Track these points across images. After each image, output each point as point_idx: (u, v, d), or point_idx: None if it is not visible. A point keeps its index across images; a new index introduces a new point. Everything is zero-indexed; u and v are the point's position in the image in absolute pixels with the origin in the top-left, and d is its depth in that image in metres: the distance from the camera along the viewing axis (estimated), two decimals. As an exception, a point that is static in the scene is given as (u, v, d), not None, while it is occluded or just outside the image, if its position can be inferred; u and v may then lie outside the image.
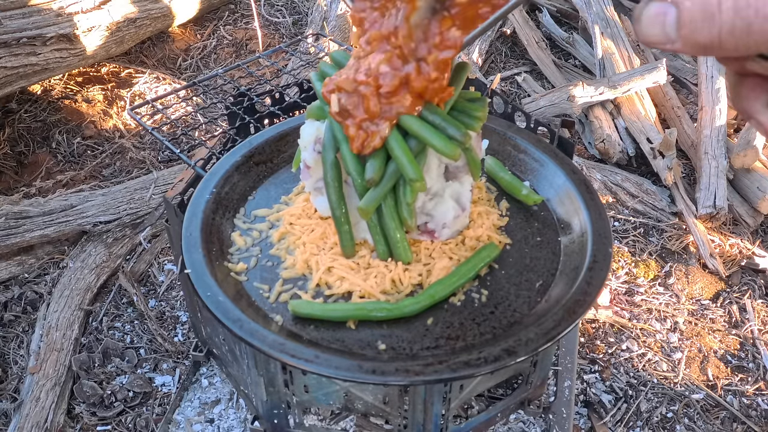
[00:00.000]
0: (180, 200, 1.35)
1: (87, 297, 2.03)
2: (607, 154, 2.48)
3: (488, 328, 1.04)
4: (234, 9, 3.61)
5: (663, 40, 0.46)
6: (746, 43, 0.42)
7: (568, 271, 1.13)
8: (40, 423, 1.69)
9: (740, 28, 0.41)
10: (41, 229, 2.14)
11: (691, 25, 0.44)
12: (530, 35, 3.16)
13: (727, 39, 0.42)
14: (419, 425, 1.22)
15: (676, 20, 0.44)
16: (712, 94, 2.54)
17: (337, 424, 1.41)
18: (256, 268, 1.15)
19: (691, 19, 0.43)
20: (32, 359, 1.85)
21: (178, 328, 1.97)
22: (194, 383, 1.68)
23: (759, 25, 0.41)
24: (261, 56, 1.85)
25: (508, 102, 1.52)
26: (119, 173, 2.58)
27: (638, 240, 2.23)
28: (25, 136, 2.72)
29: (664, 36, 0.45)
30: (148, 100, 1.62)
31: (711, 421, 1.75)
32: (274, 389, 1.25)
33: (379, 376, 0.93)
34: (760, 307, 2.04)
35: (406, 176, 1.00)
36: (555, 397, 1.55)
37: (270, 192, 1.31)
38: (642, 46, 3.02)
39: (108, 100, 2.95)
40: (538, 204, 1.28)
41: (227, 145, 1.53)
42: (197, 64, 3.22)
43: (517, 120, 1.50)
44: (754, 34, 0.41)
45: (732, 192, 2.34)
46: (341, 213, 1.08)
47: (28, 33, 2.56)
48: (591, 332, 1.95)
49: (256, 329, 0.99)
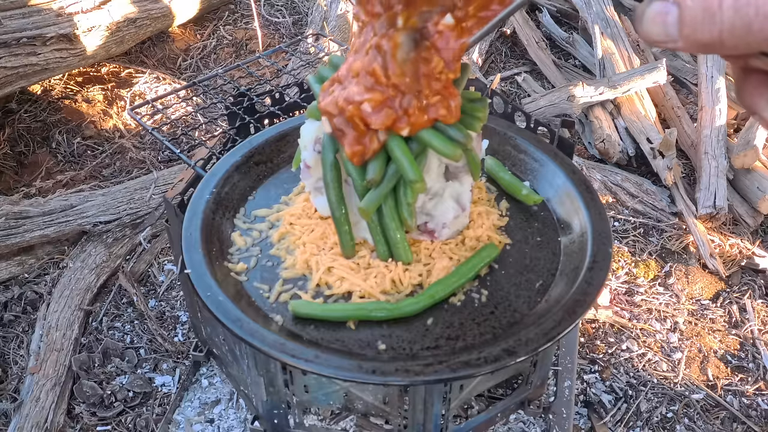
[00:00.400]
0: (180, 200, 1.35)
1: (87, 297, 2.03)
2: (607, 154, 2.48)
3: (488, 328, 1.04)
4: (234, 9, 3.61)
5: (665, 39, 0.46)
6: (747, 41, 0.42)
7: (568, 271, 1.13)
8: (40, 423, 1.69)
9: (740, 27, 0.42)
10: (41, 229, 2.14)
11: (692, 25, 0.44)
12: (530, 35, 3.16)
13: (728, 38, 0.43)
14: (419, 425, 1.22)
15: (678, 19, 0.45)
16: (712, 94, 2.54)
17: (337, 424, 1.41)
18: (256, 268, 1.15)
19: (692, 19, 0.44)
20: (32, 359, 1.85)
21: (178, 328, 1.97)
22: (194, 383, 1.68)
23: (759, 24, 0.41)
24: (261, 56, 1.85)
25: (508, 102, 1.52)
26: (119, 173, 2.58)
27: (638, 240, 2.23)
28: (25, 136, 2.72)
29: (665, 35, 0.46)
30: (148, 100, 1.62)
31: (711, 421, 1.75)
32: (274, 389, 1.25)
33: (379, 376, 0.93)
34: (760, 307, 2.04)
35: (407, 178, 1.00)
36: (555, 397, 1.55)
37: (270, 192, 1.31)
38: (642, 45, 3.02)
39: (108, 100, 2.95)
40: (538, 204, 1.28)
41: (227, 145, 1.53)
42: (197, 64, 3.22)
43: (517, 120, 1.50)
44: (754, 33, 0.41)
45: (732, 192, 2.34)
46: (341, 214, 1.08)
47: (28, 33, 2.56)
48: (591, 332, 1.95)
49: (256, 329, 0.99)
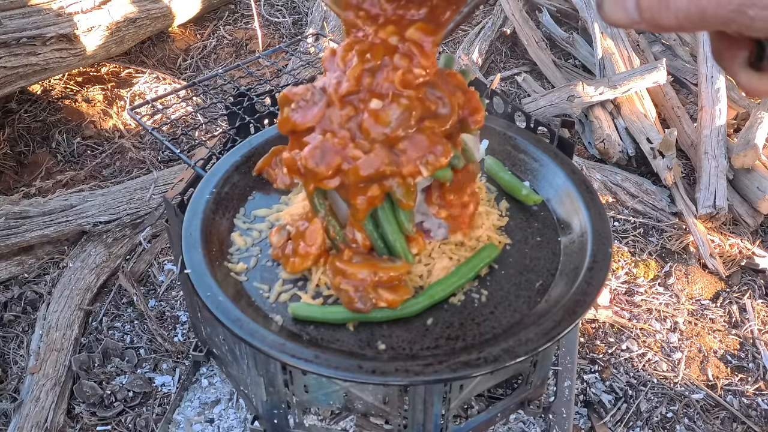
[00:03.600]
0: (180, 200, 1.35)
1: (87, 297, 2.03)
2: (607, 154, 2.48)
3: (488, 328, 1.04)
4: (234, 9, 3.61)
5: (629, 23, 0.48)
6: (704, 25, 0.44)
7: (568, 271, 1.13)
8: (40, 423, 1.69)
9: (696, 14, 0.44)
10: (41, 229, 2.13)
11: (649, 11, 0.46)
12: (530, 35, 3.16)
13: (686, 23, 0.45)
14: (419, 425, 1.22)
15: (636, 5, 0.47)
16: (712, 94, 2.54)
17: (337, 424, 1.41)
18: (256, 268, 1.15)
19: (649, 6, 0.46)
20: (32, 359, 1.85)
21: (178, 328, 1.97)
22: (194, 383, 1.68)
23: (712, 9, 0.43)
24: (261, 56, 1.85)
25: (508, 102, 1.52)
26: (119, 173, 2.58)
27: (638, 240, 2.23)
28: (25, 136, 2.72)
29: (628, 19, 0.48)
30: (148, 100, 1.62)
31: (711, 421, 1.75)
32: (274, 389, 1.25)
33: (379, 376, 0.93)
34: (760, 307, 2.04)
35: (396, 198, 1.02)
36: (555, 397, 1.55)
37: (270, 192, 1.31)
38: (642, 45, 3.02)
39: (108, 100, 2.95)
40: (538, 204, 1.28)
41: (227, 145, 1.53)
42: (197, 64, 3.22)
43: (517, 120, 1.50)
44: (708, 19, 0.44)
45: (732, 192, 2.34)
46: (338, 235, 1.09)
47: (28, 33, 2.56)
48: (591, 332, 1.95)
49: (256, 329, 0.99)
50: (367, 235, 1.06)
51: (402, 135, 0.96)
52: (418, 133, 0.97)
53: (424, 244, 1.10)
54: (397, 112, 0.95)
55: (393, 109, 0.95)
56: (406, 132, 0.96)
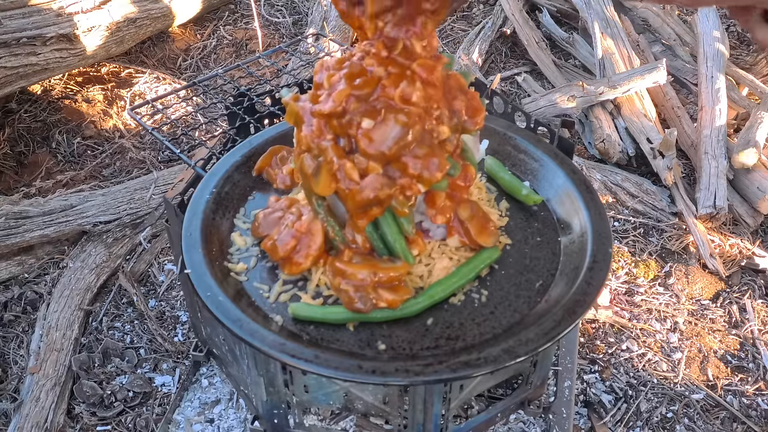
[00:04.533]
0: (180, 200, 1.35)
1: (87, 297, 2.03)
2: (607, 154, 2.48)
3: (488, 328, 1.04)
4: (234, 9, 3.61)
5: None
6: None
7: (568, 271, 1.13)
8: (40, 423, 1.69)
9: None
10: (41, 229, 2.14)
11: None
12: (530, 35, 3.16)
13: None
14: (419, 425, 1.22)
15: None
16: (712, 94, 2.54)
17: (337, 424, 1.41)
18: (256, 268, 1.15)
19: None
20: (32, 359, 1.85)
21: (178, 328, 1.97)
22: (194, 383, 1.68)
23: None
24: (261, 56, 1.85)
25: (508, 102, 1.52)
26: (119, 173, 2.58)
27: (638, 240, 2.23)
28: (25, 136, 2.72)
29: None
30: (148, 100, 1.62)
31: (711, 421, 1.75)
32: (274, 389, 1.25)
33: (379, 376, 0.93)
34: (760, 307, 2.04)
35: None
36: (555, 397, 1.55)
37: (270, 192, 1.31)
38: (642, 45, 3.02)
39: (108, 100, 2.95)
40: (538, 204, 1.28)
41: (227, 145, 1.53)
42: (197, 64, 3.22)
43: (517, 120, 1.50)
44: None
45: (732, 192, 2.34)
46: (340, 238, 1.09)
47: (28, 33, 2.56)
48: (591, 332, 1.95)
49: (256, 329, 0.99)
50: (366, 237, 1.06)
51: (400, 153, 0.96)
52: (417, 147, 0.97)
53: (424, 245, 1.10)
54: (395, 130, 0.94)
55: (389, 127, 0.94)
56: (404, 151, 0.96)
